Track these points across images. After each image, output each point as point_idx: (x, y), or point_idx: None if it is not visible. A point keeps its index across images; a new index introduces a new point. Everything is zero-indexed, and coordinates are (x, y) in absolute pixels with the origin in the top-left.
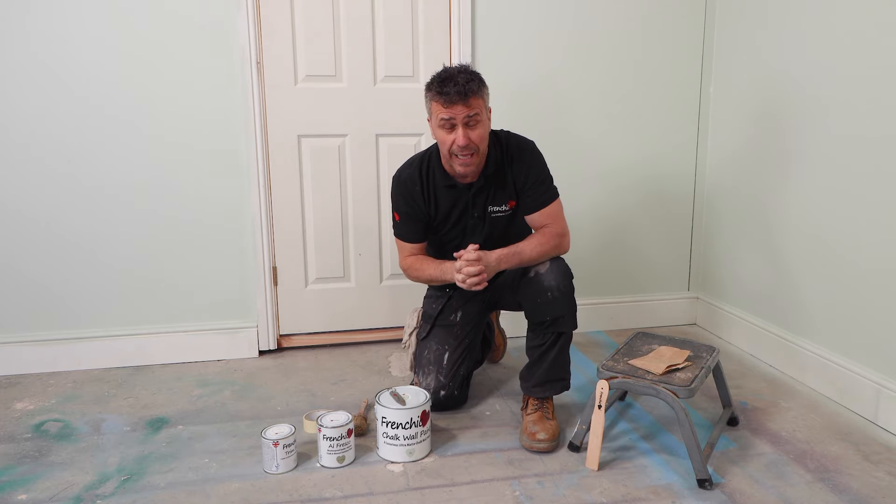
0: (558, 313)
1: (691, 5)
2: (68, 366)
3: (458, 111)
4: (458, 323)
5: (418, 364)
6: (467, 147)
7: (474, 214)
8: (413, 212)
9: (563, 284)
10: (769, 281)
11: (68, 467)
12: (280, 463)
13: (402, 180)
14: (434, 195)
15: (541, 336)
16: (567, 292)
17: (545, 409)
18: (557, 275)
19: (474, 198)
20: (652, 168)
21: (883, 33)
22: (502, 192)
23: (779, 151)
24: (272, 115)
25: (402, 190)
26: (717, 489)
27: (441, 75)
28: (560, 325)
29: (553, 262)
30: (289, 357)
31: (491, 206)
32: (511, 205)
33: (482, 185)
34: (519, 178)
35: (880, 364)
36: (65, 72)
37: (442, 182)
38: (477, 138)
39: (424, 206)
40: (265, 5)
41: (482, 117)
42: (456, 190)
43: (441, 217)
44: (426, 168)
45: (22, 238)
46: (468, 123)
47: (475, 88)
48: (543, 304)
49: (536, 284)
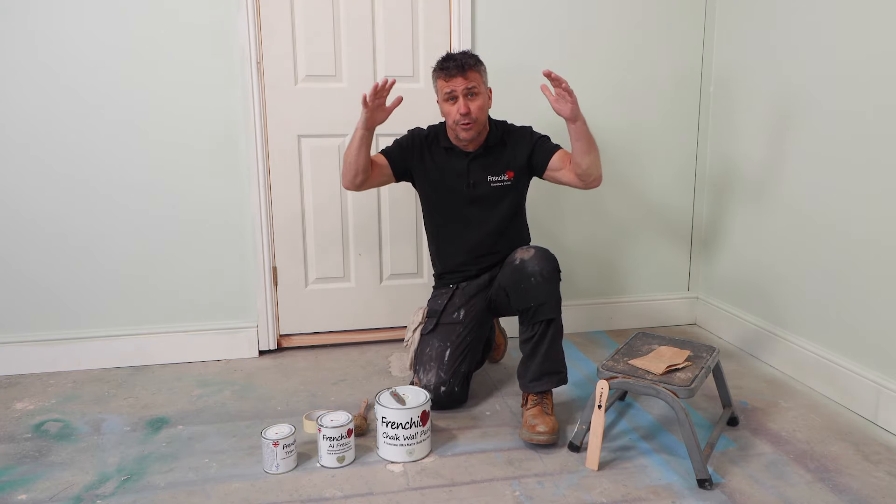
0: (541, 299)
1: (691, 4)
2: (68, 366)
3: (458, 83)
4: (460, 321)
5: (419, 360)
6: (467, 115)
7: (470, 182)
8: (403, 148)
9: (547, 270)
10: (769, 281)
11: (68, 467)
12: (280, 463)
13: (411, 131)
14: (430, 152)
15: (529, 328)
16: (550, 279)
17: (544, 405)
18: (541, 261)
19: (470, 165)
20: (652, 167)
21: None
22: (500, 163)
23: (777, 149)
24: (272, 115)
25: (410, 134)
26: (717, 489)
27: (443, 56)
28: (544, 311)
29: (538, 250)
30: (289, 357)
31: (490, 176)
32: (510, 175)
33: (481, 154)
34: (523, 146)
35: (880, 364)
36: (65, 72)
37: (442, 143)
38: (476, 109)
39: (416, 156)
40: (265, 5)
41: (480, 90)
42: (453, 153)
43: (433, 177)
44: (433, 131)
45: (22, 238)
46: (467, 95)
47: (472, 63)
48: (526, 290)
49: (520, 270)
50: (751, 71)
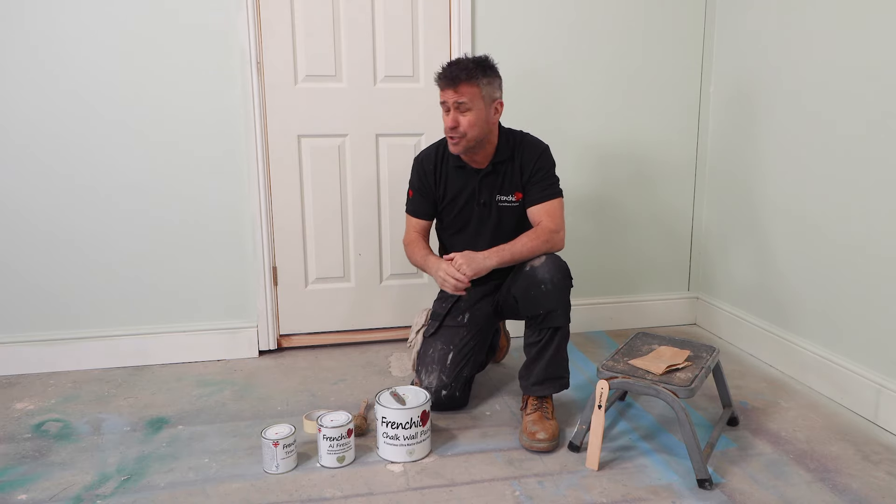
0: (551, 307)
1: (691, 4)
2: (68, 366)
3: (448, 95)
4: (464, 325)
5: (422, 362)
6: (454, 130)
7: (481, 201)
8: (424, 188)
9: (557, 278)
10: (769, 281)
11: (68, 467)
12: (280, 463)
13: (419, 159)
14: (445, 174)
15: (537, 333)
16: (560, 286)
17: (545, 409)
18: (552, 268)
19: (482, 182)
20: (651, 167)
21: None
22: (510, 183)
23: (778, 148)
24: (272, 115)
25: (417, 167)
26: (717, 489)
27: (448, 62)
28: (553, 319)
29: (549, 256)
30: (289, 357)
31: (499, 195)
32: (518, 196)
33: (490, 171)
34: (526, 170)
35: (880, 364)
36: (64, 72)
37: (453, 162)
38: (465, 124)
39: (434, 185)
40: (265, 6)
41: (473, 106)
42: (465, 171)
43: (449, 198)
44: (442, 150)
45: (22, 238)
46: (458, 108)
47: (464, 77)
48: (536, 297)
49: (530, 277)
50: (754, 72)
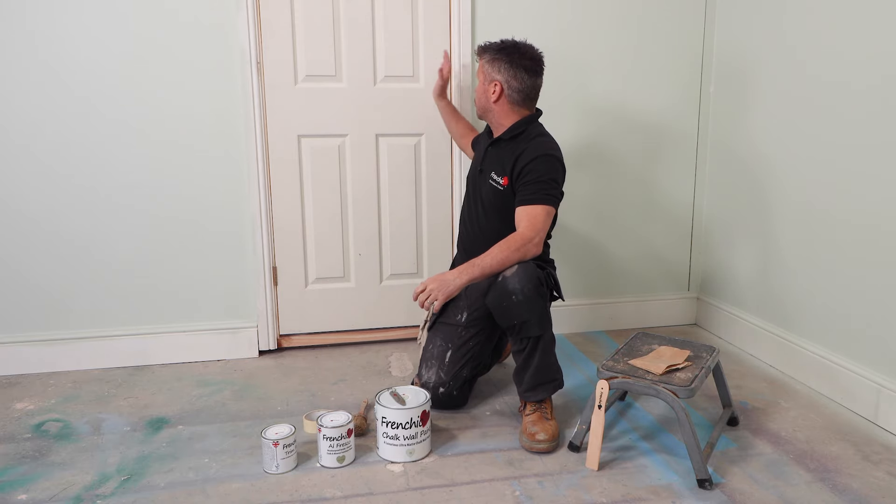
0: (523, 317)
1: (691, 4)
2: (68, 366)
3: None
4: (462, 324)
5: (423, 357)
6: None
7: (479, 168)
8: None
9: (528, 288)
10: (769, 281)
11: (68, 467)
12: (280, 463)
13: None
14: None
15: (518, 342)
16: (531, 296)
17: (544, 410)
18: (522, 278)
19: (487, 151)
20: (651, 167)
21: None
22: (504, 163)
23: (779, 147)
24: (272, 115)
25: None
26: (717, 489)
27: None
28: (528, 329)
29: (520, 265)
30: (289, 357)
31: (493, 173)
32: (505, 181)
33: (494, 143)
34: (518, 166)
35: (880, 364)
36: (65, 72)
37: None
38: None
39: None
40: (265, 6)
41: (479, 78)
42: (489, 136)
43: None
44: None
45: (22, 238)
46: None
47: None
48: (508, 308)
49: (501, 288)
50: (757, 61)
